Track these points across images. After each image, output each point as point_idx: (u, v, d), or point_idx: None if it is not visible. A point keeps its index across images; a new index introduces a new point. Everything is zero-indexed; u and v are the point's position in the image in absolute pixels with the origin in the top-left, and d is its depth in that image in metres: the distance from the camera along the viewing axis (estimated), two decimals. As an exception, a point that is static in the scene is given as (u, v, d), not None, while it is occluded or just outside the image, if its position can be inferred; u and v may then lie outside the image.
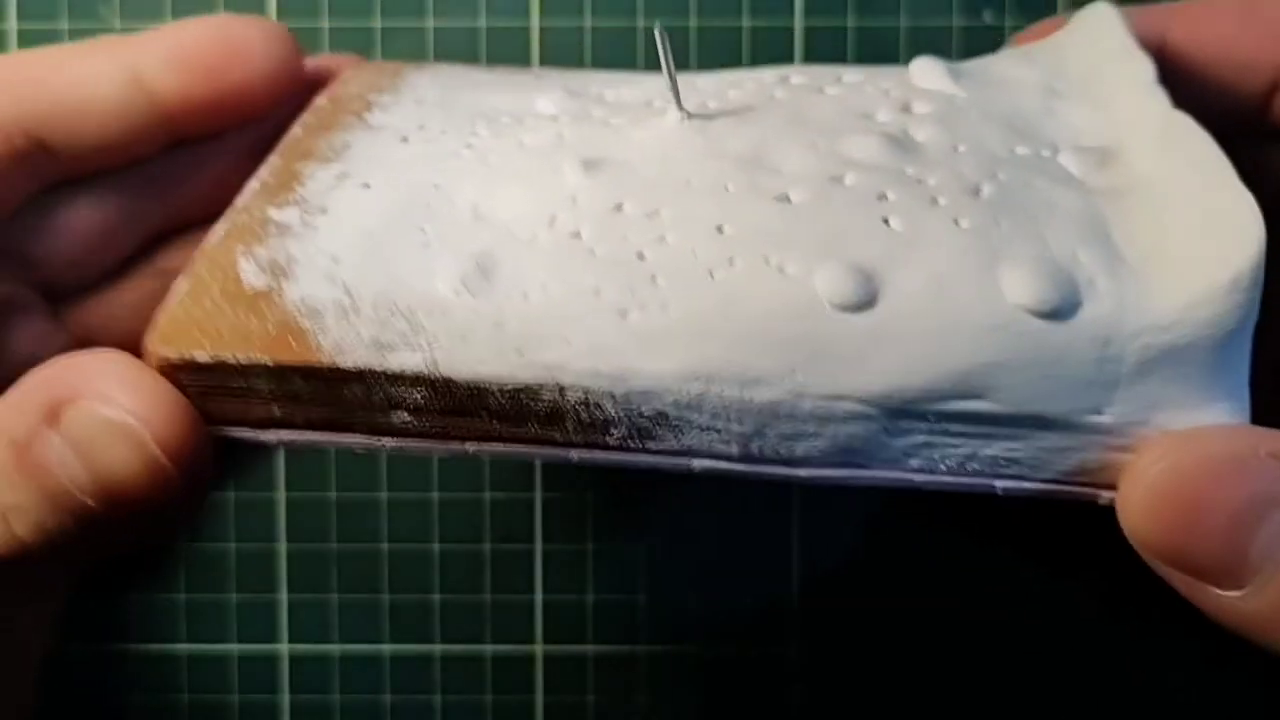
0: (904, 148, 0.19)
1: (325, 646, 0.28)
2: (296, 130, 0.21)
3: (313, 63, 0.22)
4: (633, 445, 0.17)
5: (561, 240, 0.18)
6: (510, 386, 0.17)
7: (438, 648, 0.28)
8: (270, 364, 0.17)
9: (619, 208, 0.18)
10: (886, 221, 0.17)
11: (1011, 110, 0.20)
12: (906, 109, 0.20)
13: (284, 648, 0.28)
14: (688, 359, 0.17)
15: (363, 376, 0.17)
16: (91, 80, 0.20)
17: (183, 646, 0.28)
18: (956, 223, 0.17)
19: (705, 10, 0.27)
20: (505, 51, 0.27)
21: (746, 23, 0.27)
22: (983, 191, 0.18)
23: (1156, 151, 0.19)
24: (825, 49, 0.27)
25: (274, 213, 0.19)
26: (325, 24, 0.28)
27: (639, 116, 0.20)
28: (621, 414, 0.17)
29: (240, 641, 0.28)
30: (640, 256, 0.17)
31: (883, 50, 0.27)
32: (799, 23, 0.27)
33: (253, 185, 0.20)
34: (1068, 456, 0.17)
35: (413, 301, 0.17)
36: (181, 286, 0.18)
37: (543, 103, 0.21)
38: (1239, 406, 0.17)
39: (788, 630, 0.28)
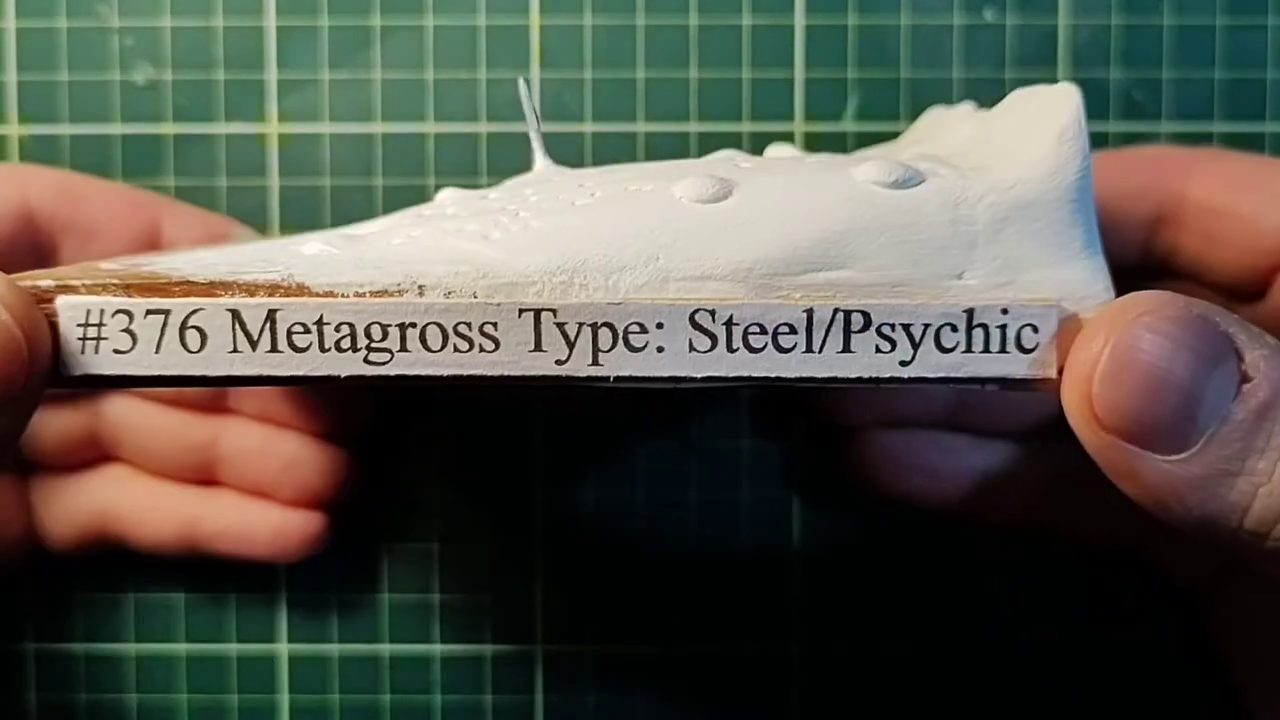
0: (752, 158, 0.20)
1: (325, 646, 0.28)
2: None
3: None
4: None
5: (429, 218, 0.19)
6: (368, 291, 0.17)
7: (438, 648, 0.28)
8: (117, 284, 0.17)
9: (484, 197, 0.19)
10: (738, 165, 0.19)
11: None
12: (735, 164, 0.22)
13: (284, 648, 0.28)
14: (551, 255, 0.17)
15: (214, 291, 0.17)
16: None
17: (181, 646, 0.28)
18: (803, 161, 0.19)
19: (705, 8, 0.27)
20: (505, 49, 0.27)
21: (747, 21, 0.27)
22: (824, 157, 0.20)
23: (978, 133, 0.21)
24: (826, 47, 0.27)
25: (142, 259, 0.20)
26: (325, 22, 0.27)
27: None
28: None
29: (240, 641, 0.28)
30: (504, 209, 0.18)
31: (883, 48, 0.27)
32: (799, 21, 0.27)
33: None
34: None
35: (274, 256, 0.18)
36: None
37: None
38: (1096, 263, 0.18)
39: (788, 630, 0.28)
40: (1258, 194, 0.22)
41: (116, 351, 0.17)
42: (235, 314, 0.17)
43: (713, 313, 0.16)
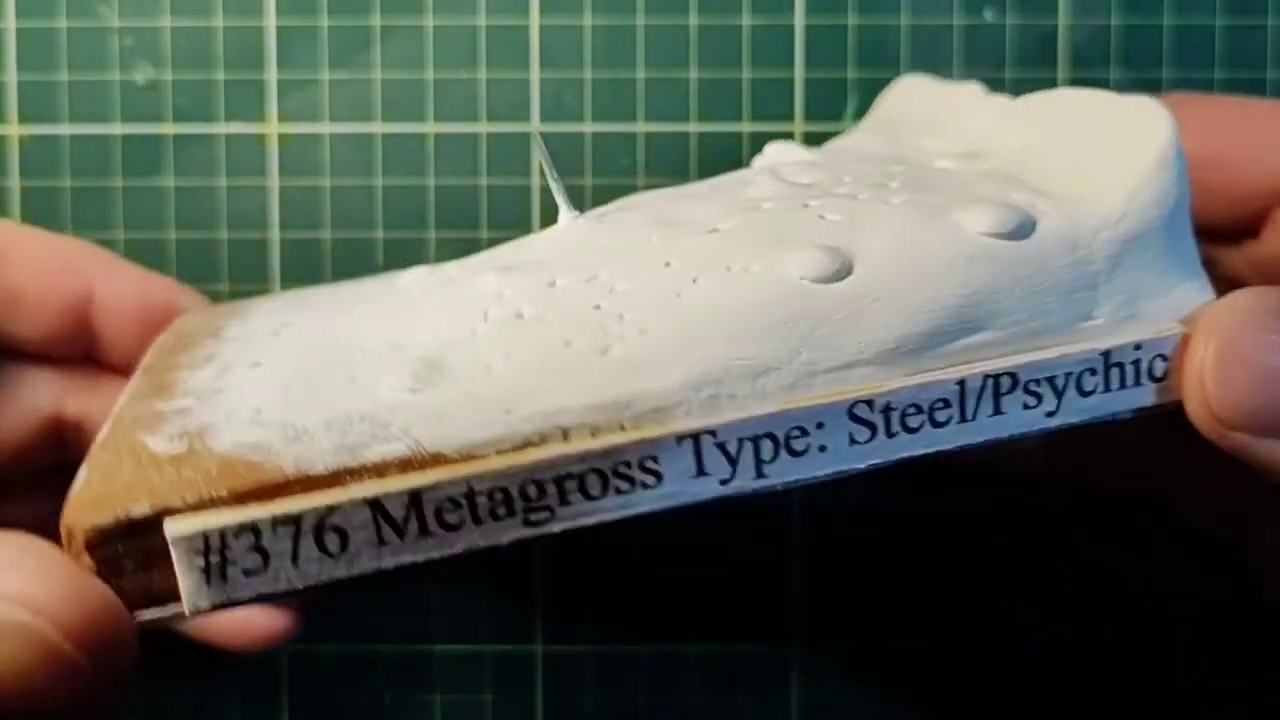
0: (797, 185, 0.19)
1: (325, 646, 0.28)
2: (147, 359, 0.20)
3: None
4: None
5: (504, 322, 0.17)
6: (509, 446, 0.15)
7: (438, 648, 0.28)
8: (226, 495, 0.14)
9: (552, 284, 0.17)
10: (822, 217, 0.18)
11: (870, 154, 0.21)
12: (776, 173, 0.20)
13: (284, 647, 0.28)
14: (689, 368, 0.16)
15: (340, 480, 0.15)
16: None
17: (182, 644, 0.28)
18: (887, 202, 0.18)
19: (705, 8, 0.27)
20: (504, 49, 0.27)
21: (747, 21, 0.27)
22: (892, 184, 0.18)
23: (1016, 133, 0.20)
24: (826, 47, 0.27)
25: (163, 406, 0.17)
26: (325, 22, 0.27)
27: (526, 239, 0.19)
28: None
29: (240, 641, 0.28)
30: (597, 308, 0.17)
31: (884, 48, 0.27)
32: (799, 21, 0.27)
33: (121, 400, 0.18)
34: None
35: (367, 410, 0.16)
36: (84, 473, 0.16)
37: (410, 277, 0.20)
38: (1201, 281, 0.18)
39: (788, 630, 0.28)
40: (1242, 140, 0.22)
41: (247, 574, 0.14)
42: (376, 505, 0.15)
43: (870, 403, 0.16)
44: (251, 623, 0.24)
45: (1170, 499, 0.26)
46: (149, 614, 0.15)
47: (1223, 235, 0.22)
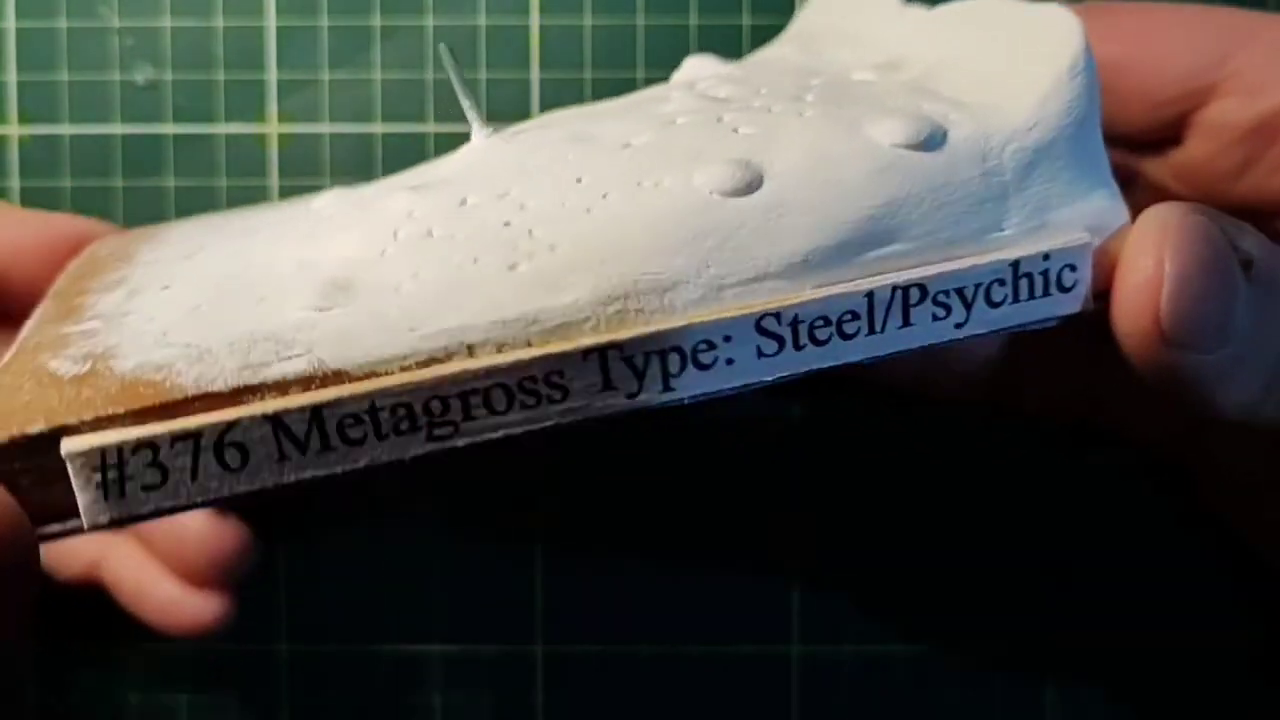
0: (713, 100, 0.19)
1: (325, 646, 0.28)
2: (58, 285, 0.20)
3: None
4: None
5: (414, 241, 0.17)
6: (413, 363, 0.15)
7: (438, 646, 0.28)
8: (124, 413, 0.15)
9: (463, 202, 0.17)
10: (735, 131, 0.18)
11: (789, 67, 0.21)
12: (693, 88, 0.20)
13: (284, 647, 0.28)
14: (596, 283, 0.16)
15: (240, 398, 0.15)
16: None
17: (183, 646, 0.28)
18: (800, 115, 0.18)
19: (705, 8, 0.27)
20: (505, 49, 0.27)
21: (747, 20, 0.27)
22: (808, 97, 0.18)
23: (934, 43, 0.20)
24: (826, 47, 0.27)
25: (69, 329, 0.17)
26: (324, 22, 0.27)
27: (440, 159, 0.20)
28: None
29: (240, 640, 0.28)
30: (506, 224, 0.17)
31: (883, 48, 0.27)
32: (799, 21, 0.27)
33: (29, 325, 0.18)
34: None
35: (272, 330, 0.16)
36: None
37: (323, 200, 0.20)
38: (1112, 190, 0.18)
39: (788, 630, 0.28)
40: (1156, 44, 0.22)
41: (146, 489, 0.15)
42: (276, 420, 0.15)
43: (778, 315, 0.16)
44: (177, 609, 0.24)
45: (1109, 417, 0.25)
46: (50, 529, 0.15)
47: (1145, 144, 0.22)
